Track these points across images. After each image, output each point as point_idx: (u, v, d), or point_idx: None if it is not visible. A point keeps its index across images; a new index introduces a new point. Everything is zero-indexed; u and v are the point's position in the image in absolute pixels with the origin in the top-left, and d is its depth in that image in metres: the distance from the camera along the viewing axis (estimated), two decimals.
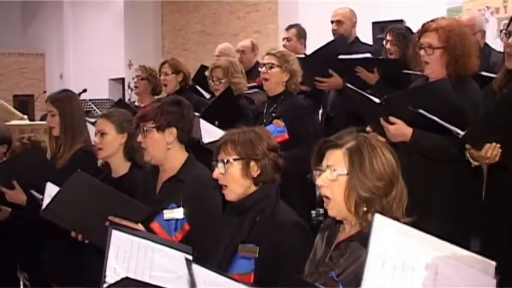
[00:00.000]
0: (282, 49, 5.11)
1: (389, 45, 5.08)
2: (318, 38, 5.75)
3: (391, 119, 3.23)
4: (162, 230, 3.02)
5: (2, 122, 6.88)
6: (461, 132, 3.00)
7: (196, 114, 4.02)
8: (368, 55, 5.10)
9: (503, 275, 1.76)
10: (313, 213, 5.10)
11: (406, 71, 4.16)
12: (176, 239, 2.97)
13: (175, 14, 14.81)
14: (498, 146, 2.92)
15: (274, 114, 4.47)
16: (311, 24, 6.76)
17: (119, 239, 2.66)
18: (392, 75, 4.67)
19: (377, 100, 3.28)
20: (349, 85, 3.56)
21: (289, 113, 4.45)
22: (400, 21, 7.18)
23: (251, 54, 6.57)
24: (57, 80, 18.32)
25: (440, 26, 3.29)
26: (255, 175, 2.68)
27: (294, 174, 3.73)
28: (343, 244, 2.18)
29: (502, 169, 3.07)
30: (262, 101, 4.87)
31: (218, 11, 13.52)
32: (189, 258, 2.31)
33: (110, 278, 2.54)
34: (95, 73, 16.30)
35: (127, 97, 9.18)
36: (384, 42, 5.18)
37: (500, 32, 3.30)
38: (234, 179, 2.68)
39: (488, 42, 5.32)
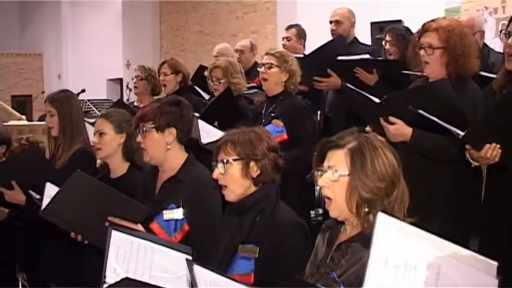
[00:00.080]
0: (281, 49, 5.10)
1: (388, 46, 5.07)
2: (316, 38, 5.75)
3: (391, 119, 3.22)
4: (161, 231, 3.01)
5: (1, 123, 6.87)
6: (461, 132, 3.00)
7: (196, 114, 4.01)
8: (367, 56, 5.10)
9: (503, 276, 1.76)
10: (312, 213, 5.10)
11: (405, 71, 4.16)
12: (176, 240, 2.96)
13: (173, 14, 14.81)
14: (498, 146, 2.92)
15: (273, 115, 4.47)
16: (310, 24, 6.75)
17: (118, 240, 2.66)
18: (391, 76, 4.67)
19: (377, 100, 3.28)
20: (349, 85, 3.55)
21: (288, 113, 4.45)
22: (398, 21, 7.18)
23: (250, 54, 6.57)
24: (55, 80, 18.32)
25: (441, 26, 3.29)
26: (255, 175, 2.67)
27: (293, 175, 3.73)
28: (345, 245, 2.17)
29: (502, 169, 3.07)
30: (261, 101, 4.86)
31: (216, 11, 13.51)
32: (190, 259, 2.31)
33: (110, 278, 2.55)
34: (93, 73, 16.30)
35: (125, 97, 9.17)
36: (383, 43, 5.17)
37: (500, 33, 3.29)
38: (234, 179, 2.68)
39: (486, 42, 5.33)
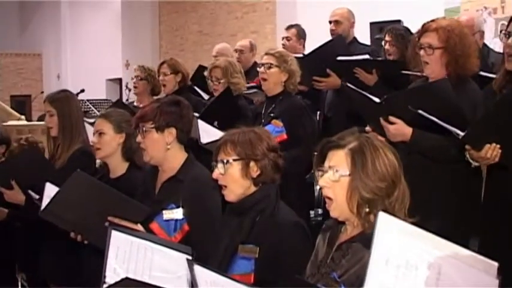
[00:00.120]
0: (281, 49, 5.10)
1: (388, 46, 5.06)
2: (316, 38, 5.75)
3: (391, 118, 3.22)
4: (161, 231, 3.01)
5: (0, 123, 6.87)
6: (461, 132, 3.00)
7: (195, 114, 4.01)
8: (367, 56, 5.09)
9: (503, 276, 1.76)
10: (312, 213, 5.10)
11: (405, 71, 4.16)
12: (175, 240, 2.96)
13: (172, 14, 14.80)
14: (498, 146, 2.92)
15: (272, 115, 4.46)
16: (309, 24, 6.75)
17: (118, 240, 2.66)
18: (391, 76, 4.67)
19: (377, 100, 3.28)
20: (349, 84, 3.55)
21: (287, 113, 4.44)
22: (397, 21, 7.18)
23: (249, 54, 6.57)
24: (54, 81, 18.31)
25: (441, 26, 3.28)
26: (255, 175, 2.67)
27: (292, 175, 3.73)
28: (345, 245, 2.17)
29: (502, 169, 3.06)
30: (261, 101, 4.86)
31: (216, 11, 13.51)
32: (191, 259, 2.31)
33: (110, 278, 2.55)
34: (92, 73, 16.28)
35: (124, 97, 9.17)
36: (383, 43, 5.17)
37: (500, 33, 3.29)
38: (234, 180, 2.67)
39: (486, 42, 5.33)
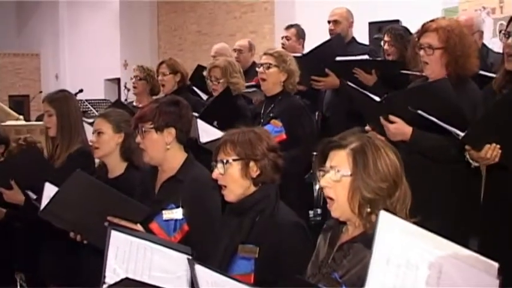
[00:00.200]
0: (280, 49, 5.08)
1: (387, 46, 5.06)
2: (314, 38, 5.74)
3: (391, 117, 3.22)
4: (161, 231, 3.01)
5: None
6: (461, 133, 3.00)
7: (195, 114, 4.01)
8: (366, 57, 5.09)
9: (503, 276, 1.76)
10: (311, 213, 5.09)
11: (404, 71, 4.16)
12: (175, 240, 2.96)
13: (171, 14, 14.79)
14: (498, 146, 2.92)
15: (271, 115, 4.46)
16: (308, 24, 6.74)
17: (118, 240, 2.65)
18: (390, 77, 4.67)
19: (377, 98, 3.27)
20: (349, 83, 3.55)
21: (286, 113, 4.44)
22: (396, 21, 7.19)
23: (248, 54, 6.57)
24: (52, 81, 18.28)
25: (441, 26, 3.28)
26: (255, 175, 2.67)
27: (291, 175, 3.72)
28: (346, 245, 2.16)
29: (502, 170, 3.06)
30: (260, 100, 4.86)
31: (214, 11, 13.50)
32: (192, 259, 2.30)
33: (110, 278, 2.54)
34: (90, 73, 16.26)
35: (123, 97, 9.18)
36: (382, 43, 5.17)
37: (500, 33, 3.29)
38: (234, 180, 2.67)
39: (484, 42, 5.33)
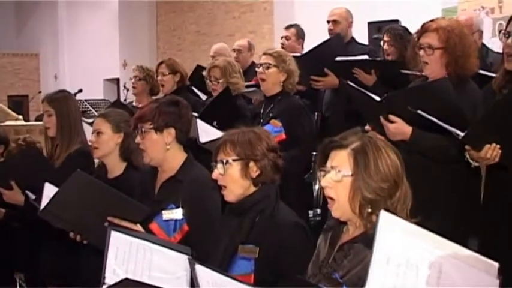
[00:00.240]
0: (279, 49, 5.08)
1: (386, 46, 5.05)
2: (314, 38, 5.75)
3: (391, 117, 3.22)
4: (161, 231, 3.01)
5: None
6: (461, 133, 2.99)
7: (194, 114, 4.01)
8: (365, 57, 5.08)
9: (503, 276, 1.76)
10: (310, 213, 5.09)
11: (404, 70, 4.15)
12: (175, 240, 2.96)
13: (170, 14, 14.79)
14: (498, 146, 2.92)
15: (271, 115, 4.46)
16: (307, 24, 6.73)
17: (117, 240, 2.64)
18: (389, 77, 4.66)
19: (377, 98, 3.27)
20: (350, 82, 3.55)
21: (286, 113, 4.44)
22: (395, 21, 7.18)
23: (247, 54, 6.57)
24: (51, 81, 18.27)
25: (441, 27, 3.28)
26: (255, 176, 2.67)
27: (291, 175, 3.72)
28: (347, 245, 2.16)
29: (502, 170, 3.06)
30: (260, 100, 4.85)
31: (213, 11, 13.49)
32: (193, 259, 2.30)
33: (109, 279, 2.53)
34: (89, 73, 16.25)
35: (122, 97, 9.17)
36: (381, 43, 5.16)
37: (499, 33, 3.29)
38: (234, 180, 2.67)
39: (483, 42, 5.33)
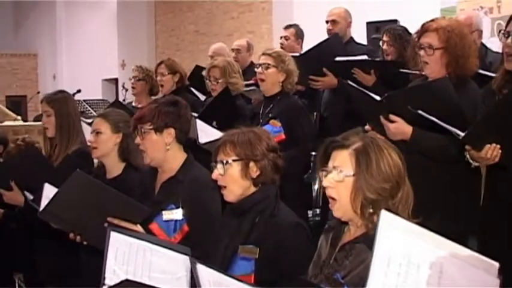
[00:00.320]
0: (278, 49, 5.09)
1: (386, 46, 5.04)
2: (312, 38, 5.74)
3: (392, 117, 3.21)
4: (161, 231, 3.01)
5: None
6: (461, 133, 2.99)
7: (194, 114, 4.00)
8: (365, 57, 5.08)
9: (503, 276, 1.75)
10: (310, 213, 5.09)
11: (404, 70, 4.15)
12: (175, 240, 2.96)
13: (168, 14, 14.78)
14: (498, 146, 2.91)
15: (270, 115, 4.46)
16: (306, 24, 6.73)
17: (117, 241, 2.64)
18: (389, 77, 4.66)
19: (377, 97, 3.27)
20: (350, 82, 3.55)
21: (285, 113, 4.44)
22: (394, 21, 7.17)
23: (246, 54, 6.57)
24: (50, 81, 18.27)
25: (441, 26, 3.28)
26: (255, 176, 2.67)
27: (290, 175, 3.71)
28: (348, 246, 2.16)
29: (502, 170, 3.06)
30: (259, 100, 4.85)
31: (212, 11, 13.49)
32: (194, 258, 2.29)
33: (109, 280, 2.53)
34: (88, 73, 16.25)
35: (121, 97, 9.16)
36: (381, 43, 5.15)
37: (499, 32, 3.29)
38: (234, 180, 2.67)
39: (483, 41, 5.32)
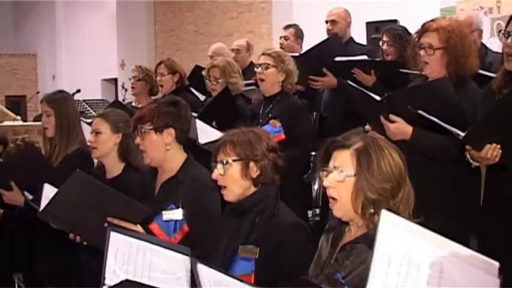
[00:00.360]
0: (278, 49, 5.09)
1: (385, 46, 5.04)
2: (312, 38, 5.74)
3: (392, 117, 3.21)
4: (161, 231, 3.00)
5: None
6: (461, 133, 2.99)
7: (194, 114, 4.00)
8: (365, 57, 5.08)
9: (504, 276, 1.75)
10: (310, 213, 5.08)
11: (404, 70, 4.15)
12: (175, 240, 2.95)
13: (168, 14, 14.78)
14: (498, 146, 2.92)
15: (270, 115, 4.46)
16: (305, 24, 6.73)
17: (117, 241, 2.63)
18: (389, 77, 4.66)
19: (378, 98, 3.27)
20: (350, 82, 3.55)
21: (285, 113, 4.44)
22: (394, 21, 7.17)
23: (246, 54, 6.57)
24: (49, 81, 18.28)
25: (441, 26, 3.27)
26: (255, 176, 2.67)
27: (290, 175, 3.71)
28: (349, 246, 2.16)
29: (502, 170, 3.06)
30: (259, 99, 4.85)
31: (211, 11, 13.49)
32: (195, 258, 2.29)
33: (109, 280, 2.53)
34: (87, 73, 16.26)
35: (120, 97, 9.17)
36: (380, 43, 5.15)
37: (499, 33, 3.29)
38: (234, 180, 2.67)
39: (482, 41, 5.32)
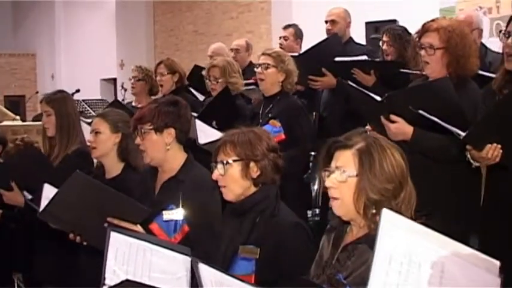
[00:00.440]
0: (278, 49, 5.09)
1: (385, 46, 5.04)
2: (311, 38, 5.74)
3: (392, 117, 3.21)
4: (161, 231, 3.00)
5: None
6: (462, 132, 2.99)
7: (194, 114, 4.00)
8: (364, 57, 5.08)
9: (504, 275, 1.75)
10: (309, 213, 5.08)
11: (404, 70, 4.15)
12: (175, 240, 2.95)
13: (167, 14, 14.78)
14: (499, 146, 2.92)
15: (270, 115, 4.46)
16: (305, 24, 6.74)
17: (117, 241, 2.63)
18: (389, 77, 4.66)
19: (378, 98, 3.27)
20: (350, 82, 3.55)
21: (285, 113, 4.44)
22: (393, 21, 7.18)
23: (245, 54, 6.57)
24: (48, 81, 18.28)
25: (442, 26, 3.28)
26: (255, 176, 2.66)
27: (290, 175, 3.71)
28: (351, 246, 2.15)
29: (502, 170, 3.06)
30: (259, 99, 4.85)
31: (211, 11, 13.49)
32: (196, 258, 2.29)
33: (110, 280, 2.52)
34: (86, 73, 16.26)
35: (120, 97, 9.16)
36: (380, 43, 5.15)
37: (500, 33, 3.29)
38: (234, 180, 2.66)
39: (482, 41, 5.32)
